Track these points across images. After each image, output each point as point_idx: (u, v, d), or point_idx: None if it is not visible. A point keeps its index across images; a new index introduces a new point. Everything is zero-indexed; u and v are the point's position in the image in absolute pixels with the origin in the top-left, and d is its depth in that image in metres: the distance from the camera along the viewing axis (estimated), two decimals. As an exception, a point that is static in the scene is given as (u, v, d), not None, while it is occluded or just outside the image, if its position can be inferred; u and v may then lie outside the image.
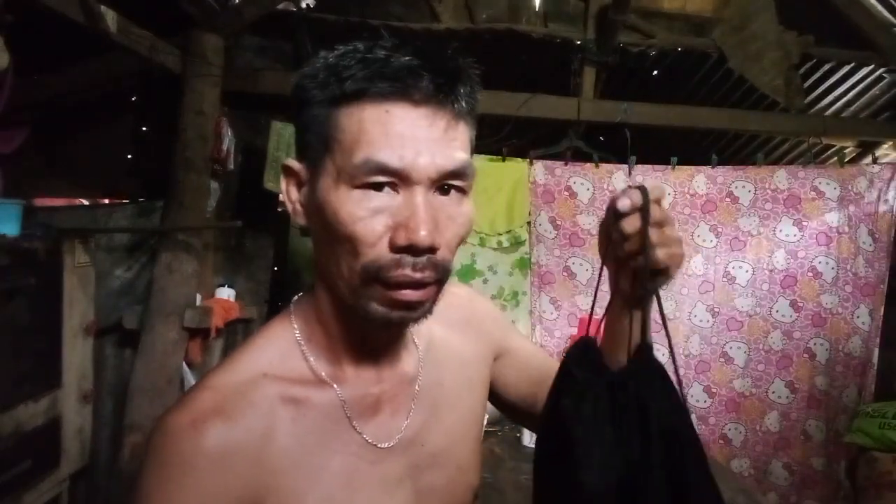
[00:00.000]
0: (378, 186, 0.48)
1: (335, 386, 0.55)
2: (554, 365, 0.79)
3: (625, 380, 0.52)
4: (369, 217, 0.48)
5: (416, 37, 2.43)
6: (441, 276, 0.51)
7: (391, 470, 0.56)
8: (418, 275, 0.49)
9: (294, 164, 0.54)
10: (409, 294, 0.50)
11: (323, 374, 0.55)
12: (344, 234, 0.49)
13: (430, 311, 0.53)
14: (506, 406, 0.75)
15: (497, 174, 2.44)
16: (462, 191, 0.52)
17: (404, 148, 0.48)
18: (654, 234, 0.53)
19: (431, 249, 0.49)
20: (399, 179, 0.48)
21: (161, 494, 0.47)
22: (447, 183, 0.50)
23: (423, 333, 0.63)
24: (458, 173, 0.50)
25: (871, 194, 2.36)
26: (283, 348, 0.55)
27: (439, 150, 0.49)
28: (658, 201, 0.54)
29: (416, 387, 0.61)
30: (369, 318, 0.51)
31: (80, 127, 2.45)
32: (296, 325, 0.57)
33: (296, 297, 0.60)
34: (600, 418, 0.51)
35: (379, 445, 0.56)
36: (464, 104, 0.51)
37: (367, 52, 0.49)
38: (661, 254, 0.54)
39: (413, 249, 0.48)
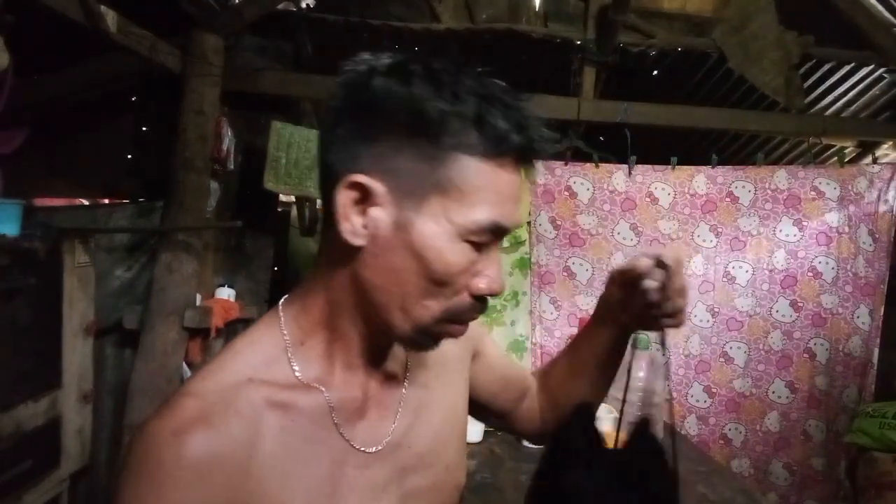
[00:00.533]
0: (483, 243, 0.51)
1: (323, 390, 0.54)
2: (515, 369, 0.82)
3: (630, 457, 0.55)
4: (467, 267, 0.51)
5: (421, 38, 2.43)
6: None
7: (378, 474, 0.56)
8: (481, 316, 0.55)
9: (371, 183, 0.49)
10: (464, 329, 0.55)
11: (310, 378, 0.53)
12: (440, 279, 0.50)
13: None
14: (474, 405, 0.76)
15: (497, 174, 2.44)
16: None
17: (515, 212, 0.52)
18: (678, 300, 0.61)
19: None
20: (498, 238, 0.52)
21: None
22: None
23: None
24: None
25: (871, 194, 2.36)
26: (270, 352, 0.53)
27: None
28: (679, 268, 0.61)
29: (403, 389, 0.61)
30: (412, 344, 0.55)
31: (80, 127, 2.45)
32: (285, 330, 0.55)
33: (284, 300, 0.58)
34: (604, 492, 0.53)
35: (366, 450, 0.55)
36: None
37: (505, 107, 0.49)
38: (682, 318, 0.63)
39: (488, 298, 0.53)
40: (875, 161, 2.50)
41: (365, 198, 0.50)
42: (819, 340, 2.37)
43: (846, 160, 2.48)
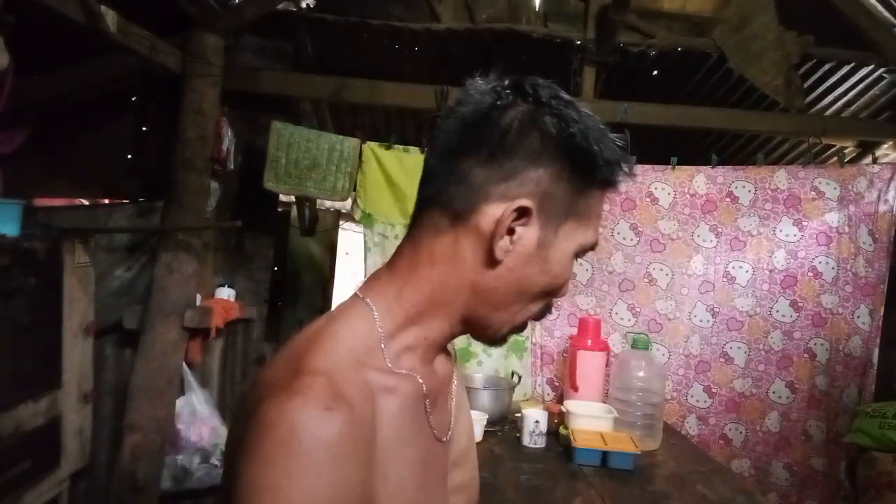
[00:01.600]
0: None
1: (419, 378, 0.56)
2: None
3: None
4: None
5: (421, 38, 2.43)
6: None
7: (445, 464, 0.61)
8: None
9: (532, 206, 0.54)
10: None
11: (402, 368, 0.56)
12: (555, 289, 0.58)
13: None
14: None
15: (497, 174, 2.44)
16: None
17: None
18: None
19: None
20: None
21: (294, 492, 0.42)
22: None
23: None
24: None
25: (870, 194, 2.35)
26: (368, 340, 0.55)
27: None
28: None
29: (454, 385, 0.66)
30: (494, 341, 0.60)
31: (80, 127, 2.45)
32: (379, 321, 0.56)
33: (365, 290, 0.58)
34: None
35: (442, 439, 0.60)
36: None
37: (620, 148, 0.57)
38: None
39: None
40: (875, 161, 2.50)
41: (519, 218, 0.54)
42: (819, 340, 2.37)
43: (846, 160, 2.47)
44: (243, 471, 0.44)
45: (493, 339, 0.60)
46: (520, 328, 0.60)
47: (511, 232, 0.54)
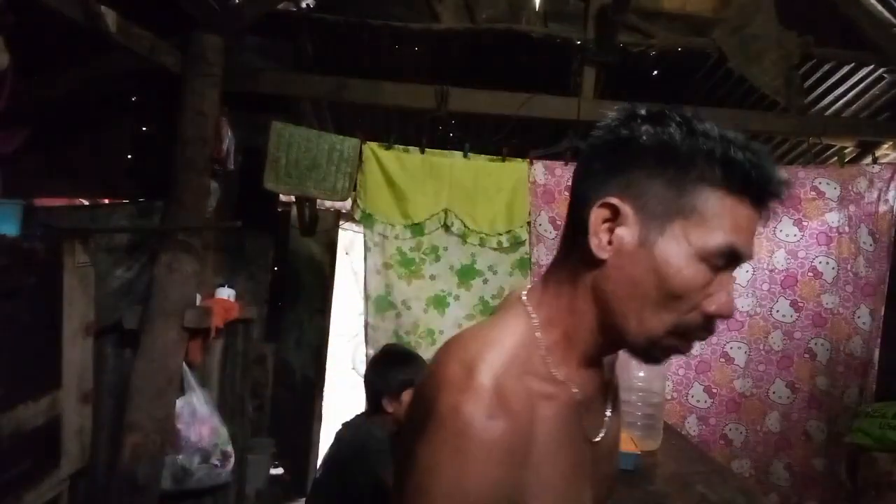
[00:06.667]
0: (718, 267, 0.57)
1: (573, 387, 0.61)
2: None
3: None
4: (702, 287, 0.57)
5: (421, 38, 2.43)
6: None
7: (594, 462, 0.65)
8: (710, 335, 0.60)
9: (622, 206, 0.57)
10: (689, 347, 0.60)
11: (561, 375, 0.60)
12: (676, 293, 0.56)
13: None
14: None
15: (497, 174, 2.44)
16: None
17: (750, 244, 0.58)
18: None
19: None
20: (732, 264, 0.58)
21: (459, 478, 0.51)
22: None
23: None
24: None
25: (871, 194, 2.35)
26: (530, 349, 0.60)
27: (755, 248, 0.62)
28: None
29: (610, 388, 0.70)
30: (640, 356, 0.60)
31: (80, 127, 2.45)
32: (539, 333, 0.61)
33: (526, 296, 0.64)
34: None
35: (593, 440, 0.64)
36: None
37: (747, 150, 0.57)
38: None
39: (718, 318, 0.58)
40: (875, 161, 2.50)
41: (614, 218, 0.58)
42: (820, 340, 2.37)
43: (846, 160, 2.47)
44: (419, 452, 0.54)
45: (637, 350, 0.60)
46: (667, 343, 0.59)
47: (611, 231, 0.58)
